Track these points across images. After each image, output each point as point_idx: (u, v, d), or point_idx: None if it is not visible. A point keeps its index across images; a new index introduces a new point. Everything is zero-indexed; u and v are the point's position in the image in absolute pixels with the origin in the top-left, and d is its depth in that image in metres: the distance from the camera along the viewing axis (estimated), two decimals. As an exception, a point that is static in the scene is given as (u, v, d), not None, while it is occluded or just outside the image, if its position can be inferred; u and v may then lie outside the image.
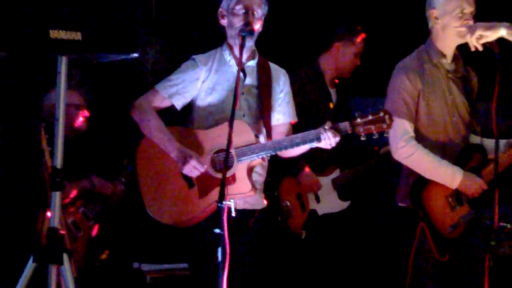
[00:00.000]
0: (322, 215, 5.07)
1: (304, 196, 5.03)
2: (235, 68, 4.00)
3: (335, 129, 3.80)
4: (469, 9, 4.20)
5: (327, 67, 5.21)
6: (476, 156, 4.30)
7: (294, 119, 4.13)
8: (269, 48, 4.21)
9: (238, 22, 3.91)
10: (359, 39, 5.20)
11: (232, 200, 3.79)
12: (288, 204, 4.95)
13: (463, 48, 4.31)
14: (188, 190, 3.88)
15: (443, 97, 4.29)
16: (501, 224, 4.91)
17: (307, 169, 5.00)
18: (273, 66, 4.12)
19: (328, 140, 3.81)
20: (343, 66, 5.21)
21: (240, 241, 3.93)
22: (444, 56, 4.29)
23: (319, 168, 5.05)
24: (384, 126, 3.82)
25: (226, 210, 3.46)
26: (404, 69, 4.28)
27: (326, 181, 5.09)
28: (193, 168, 3.80)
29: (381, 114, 3.82)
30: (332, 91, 5.25)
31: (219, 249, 3.42)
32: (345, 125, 3.82)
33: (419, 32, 4.50)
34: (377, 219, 6.10)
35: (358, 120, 3.81)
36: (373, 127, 3.81)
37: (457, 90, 4.34)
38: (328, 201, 5.09)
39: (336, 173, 5.13)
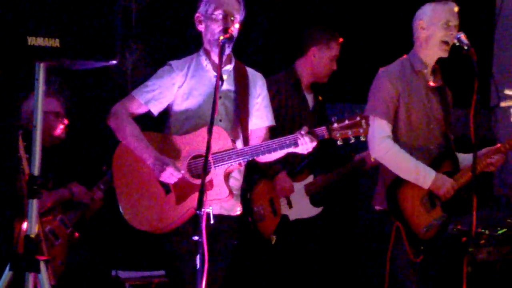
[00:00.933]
0: (293, 221, 5.06)
1: (276, 201, 5.01)
2: (211, 73, 3.99)
3: (312, 134, 3.80)
4: (454, 22, 4.32)
5: (303, 72, 5.20)
6: (449, 162, 4.39)
7: (271, 123, 4.12)
8: (246, 53, 4.21)
9: (217, 28, 3.90)
10: (334, 43, 5.18)
11: (210, 207, 3.80)
12: (260, 208, 4.94)
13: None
14: (165, 197, 3.86)
15: (422, 104, 4.39)
16: (479, 230, 4.94)
17: (283, 173, 5.00)
18: (250, 70, 4.12)
19: (305, 145, 3.80)
20: (319, 71, 5.19)
21: (216, 246, 3.92)
22: (425, 66, 4.41)
23: (292, 174, 5.04)
24: (361, 130, 3.79)
25: (204, 217, 3.47)
26: (386, 74, 4.39)
27: (299, 186, 5.08)
28: (170, 175, 3.78)
29: (358, 118, 3.80)
30: (309, 96, 5.24)
31: (198, 256, 3.40)
32: (322, 130, 3.81)
33: (400, 39, 4.55)
34: (355, 224, 6.12)
35: (335, 125, 3.79)
36: (349, 132, 3.79)
37: (434, 99, 4.44)
38: (300, 207, 5.08)
39: (309, 179, 5.12)
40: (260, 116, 4.08)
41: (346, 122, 3.79)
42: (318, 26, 5.28)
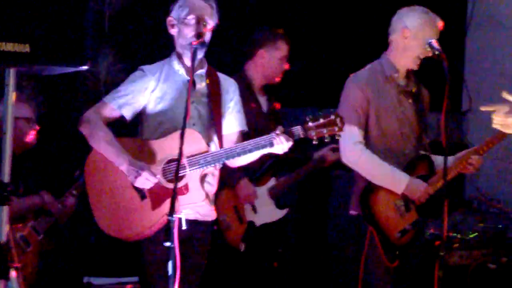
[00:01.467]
0: (260, 226, 5.04)
1: (241, 208, 4.96)
2: (184, 77, 3.98)
3: (288, 134, 3.79)
4: (435, 40, 4.30)
5: (254, 75, 5.12)
6: (424, 166, 4.39)
7: (244, 128, 4.11)
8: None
9: (190, 33, 3.90)
10: (282, 43, 5.11)
11: (183, 212, 3.80)
12: (226, 217, 4.88)
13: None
14: (141, 202, 3.83)
15: (393, 109, 4.39)
16: (451, 234, 4.97)
17: (244, 180, 4.98)
18: (221, 75, 4.12)
19: (281, 145, 3.79)
20: (270, 72, 5.11)
21: (191, 252, 3.92)
22: (397, 71, 4.41)
23: (254, 179, 5.02)
24: (336, 129, 3.80)
25: (177, 223, 3.46)
26: (356, 80, 4.39)
27: (262, 191, 5.04)
28: (146, 180, 3.76)
29: (332, 117, 3.80)
30: (262, 99, 5.18)
31: (170, 263, 3.40)
32: (297, 129, 3.80)
33: (368, 43, 4.57)
34: (328, 228, 6.13)
35: (310, 124, 3.78)
36: (325, 130, 3.79)
37: (407, 104, 4.44)
38: (266, 211, 5.05)
39: (272, 182, 5.09)
40: (233, 121, 4.07)
41: (321, 120, 3.78)
42: (264, 27, 5.24)
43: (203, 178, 3.90)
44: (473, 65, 6.42)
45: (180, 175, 3.73)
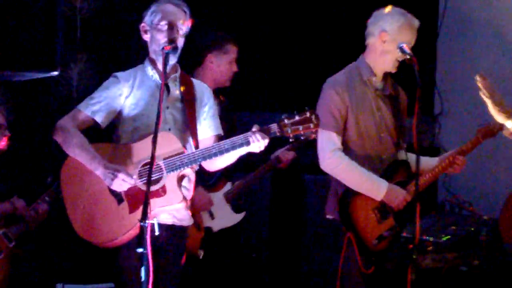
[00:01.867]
0: (217, 231, 5.02)
1: (198, 216, 4.93)
2: (158, 83, 3.98)
3: (264, 131, 3.78)
4: (413, 42, 4.30)
5: (204, 79, 5.00)
6: (402, 171, 4.38)
7: (219, 132, 4.11)
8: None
9: (162, 38, 3.91)
10: (230, 46, 5.09)
11: (155, 219, 3.80)
12: None
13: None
14: (118, 207, 3.83)
15: (371, 113, 4.36)
16: (424, 237, 4.98)
17: (198, 188, 4.95)
18: (195, 80, 4.14)
19: (257, 143, 3.77)
20: (220, 76, 5.08)
21: (167, 257, 3.91)
22: (374, 75, 4.38)
23: (209, 184, 4.99)
24: (311, 125, 3.78)
25: (149, 228, 3.45)
26: (333, 84, 4.34)
27: (218, 196, 5.02)
28: (122, 182, 3.76)
29: (308, 114, 3.78)
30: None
31: (143, 268, 3.39)
32: (273, 127, 3.79)
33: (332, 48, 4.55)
34: (303, 231, 6.14)
35: (286, 121, 3.77)
36: (300, 127, 3.76)
37: (385, 107, 4.42)
38: (223, 216, 5.02)
39: (227, 187, 5.07)
40: (208, 125, 4.08)
41: (297, 117, 3.77)
42: (211, 32, 5.22)
43: (180, 180, 3.89)
44: (444, 69, 6.46)
45: (157, 177, 3.75)
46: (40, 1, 3.06)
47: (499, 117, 3.82)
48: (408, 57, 4.16)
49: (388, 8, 4.36)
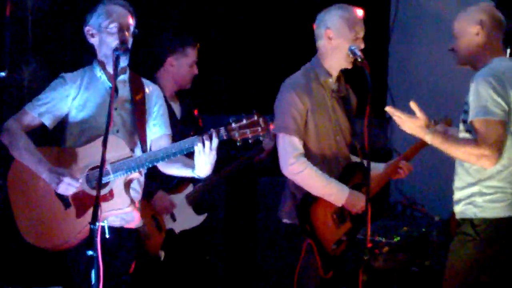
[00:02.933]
0: (179, 233, 5.01)
1: (159, 217, 4.93)
2: (106, 84, 3.97)
3: (211, 135, 3.77)
4: (362, 33, 4.29)
5: (165, 82, 5.06)
6: (358, 174, 4.39)
7: (169, 132, 4.11)
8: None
9: (113, 41, 3.88)
10: (190, 49, 5.10)
11: (105, 221, 3.78)
12: (144, 227, 4.83)
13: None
14: (65, 211, 3.80)
15: (328, 116, 4.35)
16: (376, 238, 5.02)
17: (159, 192, 4.93)
18: (145, 81, 4.12)
19: (204, 148, 3.73)
20: (181, 79, 5.10)
21: (117, 259, 3.91)
22: (330, 76, 4.36)
23: (171, 187, 4.98)
24: (259, 129, 3.74)
25: (99, 231, 3.42)
26: (292, 86, 4.29)
27: (180, 198, 5.01)
28: (68, 185, 3.73)
29: (255, 117, 3.74)
30: (176, 105, 5.14)
31: (93, 271, 3.36)
32: (221, 131, 3.77)
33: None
34: (258, 235, 6.14)
35: (233, 125, 3.74)
36: (248, 131, 3.73)
37: (339, 110, 4.41)
38: (184, 218, 5.03)
39: (189, 189, 5.07)
40: (159, 124, 4.08)
41: (244, 121, 3.74)
42: (171, 34, 5.22)
43: (128, 184, 3.88)
44: (397, 71, 6.52)
45: (104, 181, 3.72)
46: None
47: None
48: (359, 60, 4.17)
49: (328, 7, 4.35)
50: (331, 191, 4.23)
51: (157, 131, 4.07)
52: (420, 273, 5.10)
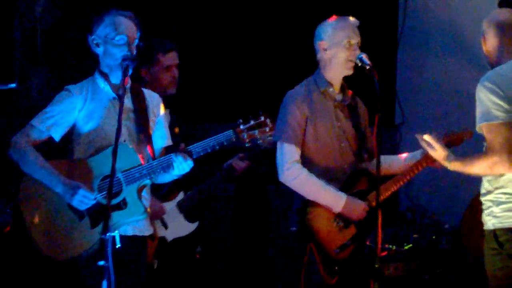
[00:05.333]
0: (171, 241, 4.98)
1: (152, 225, 4.91)
2: (110, 95, 3.99)
3: (221, 141, 3.83)
4: (355, 39, 4.34)
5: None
6: (363, 181, 4.40)
7: (170, 143, 4.14)
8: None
9: (119, 52, 3.89)
10: (160, 55, 4.94)
11: (116, 231, 3.78)
12: None
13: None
14: (79, 222, 3.81)
15: (331, 124, 4.40)
16: (386, 246, 5.01)
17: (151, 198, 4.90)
18: (145, 91, 4.13)
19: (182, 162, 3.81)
20: (158, 85, 4.86)
21: (129, 269, 3.90)
22: (331, 85, 4.42)
23: (162, 194, 4.95)
24: (267, 129, 3.88)
25: (111, 241, 3.44)
26: (292, 97, 4.39)
27: (171, 205, 4.94)
28: (83, 198, 3.74)
29: (262, 118, 3.88)
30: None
31: (104, 282, 3.37)
32: (229, 134, 3.84)
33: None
34: (267, 243, 6.13)
35: (241, 126, 3.85)
36: (256, 131, 3.86)
37: (344, 118, 4.45)
38: (176, 226, 4.96)
39: (180, 196, 5.00)
40: (161, 136, 4.10)
41: (252, 122, 3.86)
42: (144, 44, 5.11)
43: (140, 192, 3.89)
44: (405, 78, 6.51)
45: (116, 190, 3.74)
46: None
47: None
48: (367, 67, 4.19)
49: (323, 21, 4.42)
50: (327, 197, 4.27)
51: (160, 142, 4.10)
52: (431, 281, 5.08)
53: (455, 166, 3.86)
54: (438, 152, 3.90)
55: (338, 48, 4.34)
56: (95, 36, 3.96)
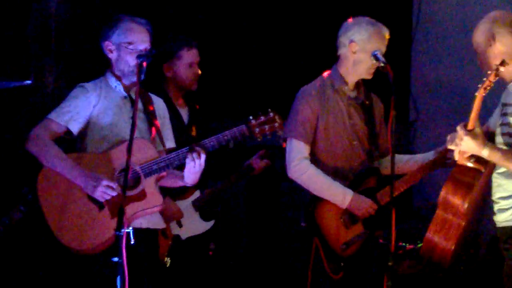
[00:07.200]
0: (186, 239, 4.98)
1: (166, 224, 4.91)
2: (121, 94, 4.09)
3: (233, 135, 3.96)
4: (384, 50, 4.33)
5: (170, 90, 5.00)
6: (372, 178, 4.43)
7: (174, 145, 4.21)
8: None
9: (133, 60, 3.99)
10: (183, 52, 5.00)
11: (130, 228, 3.81)
12: None
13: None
14: (99, 213, 3.88)
15: (343, 121, 4.41)
16: (400, 243, 5.00)
17: (166, 199, 4.88)
18: (151, 94, 4.24)
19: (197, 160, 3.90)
20: (181, 81, 4.98)
21: (143, 265, 3.96)
22: (346, 83, 4.43)
23: (178, 192, 4.94)
24: (276, 125, 4.03)
25: (125, 237, 3.46)
26: (305, 94, 4.41)
27: (186, 204, 4.96)
28: (106, 188, 3.81)
29: (271, 114, 4.02)
30: (183, 110, 5.07)
31: (118, 278, 3.39)
32: (242, 128, 3.98)
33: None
34: (277, 238, 6.14)
35: (253, 121, 3.99)
36: (266, 127, 4.00)
37: (357, 116, 4.47)
38: (191, 224, 4.96)
39: (196, 195, 5.01)
40: (165, 138, 4.17)
41: (262, 118, 4.00)
42: (165, 43, 5.14)
43: (157, 183, 3.99)
44: (419, 75, 6.49)
45: (135, 182, 3.87)
46: (11, 9, 3.03)
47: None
48: (382, 64, 4.18)
49: (357, 18, 4.39)
50: (333, 193, 4.31)
51: (165, 144, 4.16)
52: (445, 279, 5.07)
53: (492, 155, 3.77)
54: (472, 138, 3.78)
55: (367, 55, 4.31)
56: (109, 42, 4.03)
